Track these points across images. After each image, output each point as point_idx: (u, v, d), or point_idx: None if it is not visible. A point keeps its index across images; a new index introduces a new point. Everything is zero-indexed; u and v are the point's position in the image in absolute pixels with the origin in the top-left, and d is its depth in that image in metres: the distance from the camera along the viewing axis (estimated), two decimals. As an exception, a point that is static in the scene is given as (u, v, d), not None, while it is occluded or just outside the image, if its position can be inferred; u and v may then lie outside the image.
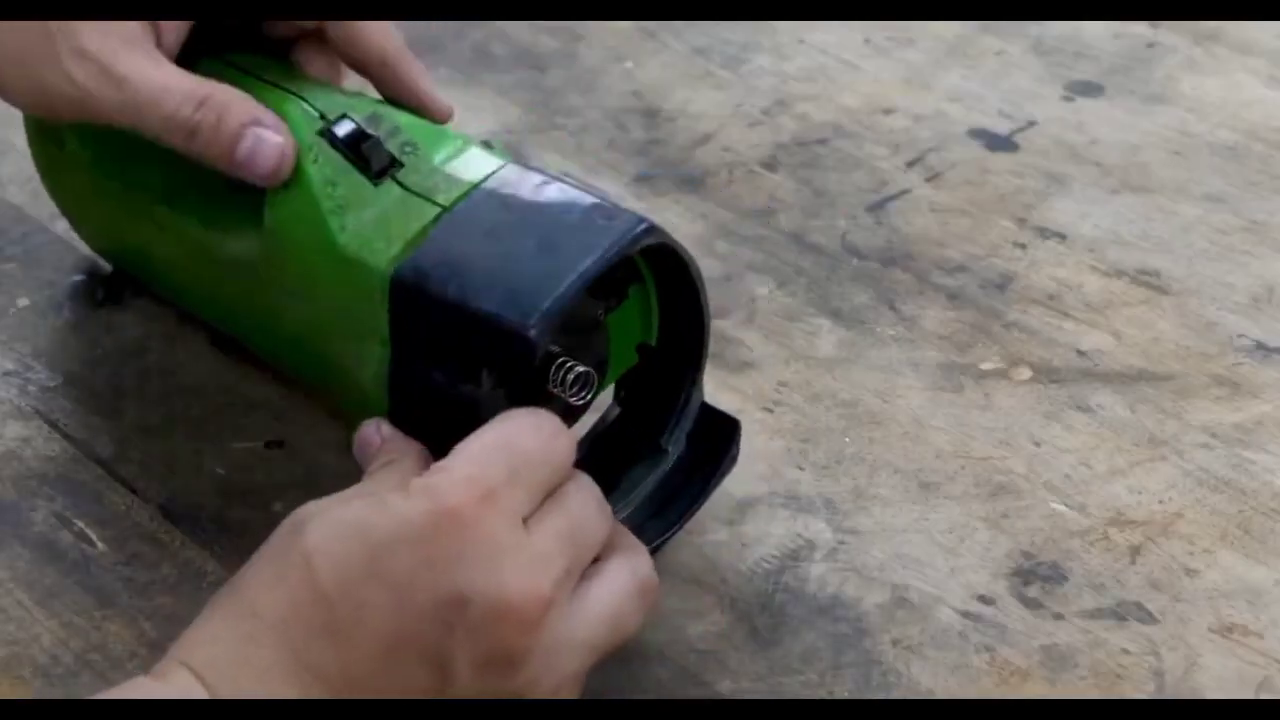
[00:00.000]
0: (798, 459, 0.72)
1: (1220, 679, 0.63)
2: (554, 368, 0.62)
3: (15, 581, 0.66)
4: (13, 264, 0.83)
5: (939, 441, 0.74)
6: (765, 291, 0.83)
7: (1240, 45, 1.02)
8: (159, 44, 0.67)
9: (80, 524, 0.68)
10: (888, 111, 0.96)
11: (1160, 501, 0.71)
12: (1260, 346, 0.79)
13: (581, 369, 0.62)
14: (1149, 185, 0.90)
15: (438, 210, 0.63)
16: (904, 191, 0.90)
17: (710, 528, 0.69)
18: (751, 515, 0.70)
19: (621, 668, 0.63)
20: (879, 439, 0.74)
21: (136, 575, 0.66)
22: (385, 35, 0.71)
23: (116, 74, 0.65)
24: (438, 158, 0.65)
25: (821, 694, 0.62)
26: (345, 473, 0.71)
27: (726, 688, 0.62)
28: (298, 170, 0.65)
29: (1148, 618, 0.65)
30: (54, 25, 0.66)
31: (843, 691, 0.62)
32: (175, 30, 0.68)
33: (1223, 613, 0.65)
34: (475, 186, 0.64)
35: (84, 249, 0.83)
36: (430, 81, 0.71)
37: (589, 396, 0.63)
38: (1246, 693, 0.62)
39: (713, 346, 0.78)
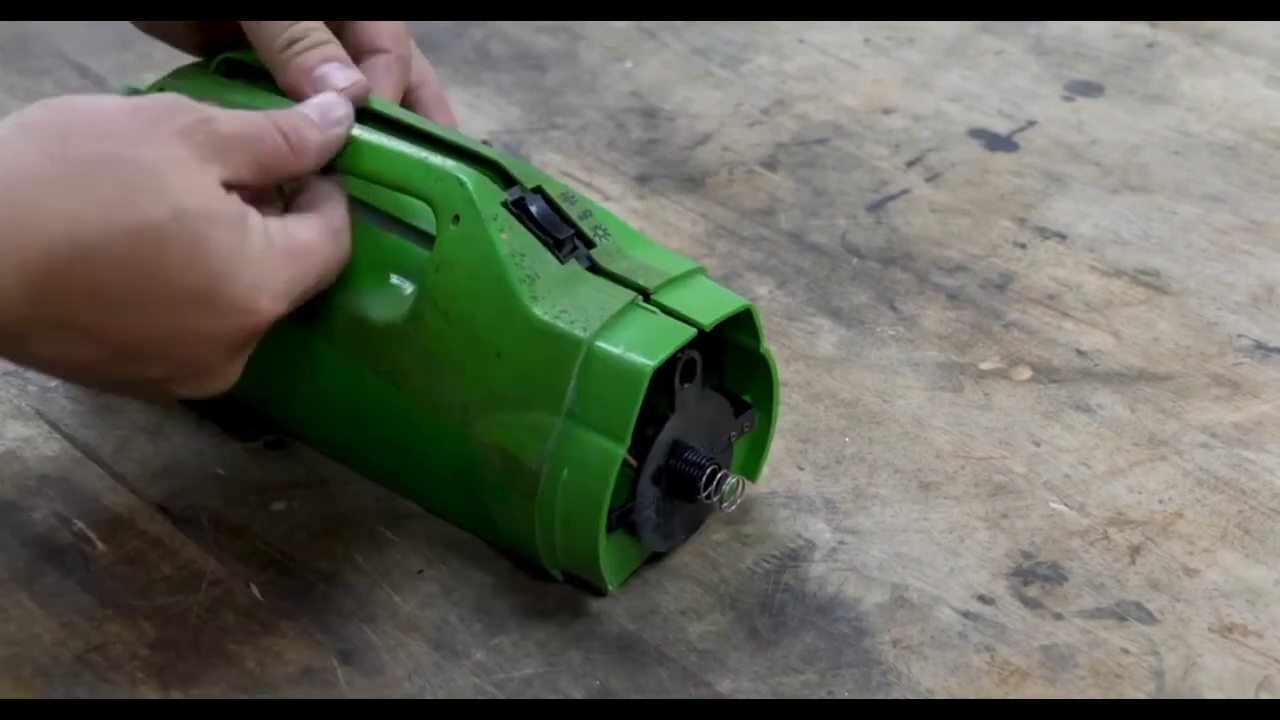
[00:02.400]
0: (798, 459, 0.72)
1: (1220, 679, 0.63)
2: (707, 476, 0.65)
3: (15, 581, 0.66)
4: (13, 264, 0.82)
5: (939, 441, 0.74)
6: (765, 291, 0.83)
7: (1240, 45, 1.02)
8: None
9: (80, 524, 0.68)
10: (888, 111, 0.96)
11: (1160, 501, 0.71)
12: (1260, 346, 0.79)
13: (734, 479, 0.66)
14: (1149, 185, 0.91)
15: (634, 295, 0.63)
16: (904, 191, 0.90)
17: (710, 528, 0.69)
18: (751, 515, 0.70)
19: (621, 668, 0.63)
20: (879, 439, 0.74)
21: (136, 575, 0.66)
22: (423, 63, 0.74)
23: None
24: (629, 246, 0.67)
25: (821, 694, 0.62)
26: (344, 475, 0.71)
27: (726, 688, 0.62)
28: (480, 237, 0.64)
29: (1147, 617, 0.65)
30: None
31: (843, 691, 0.62)
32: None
33: (1223, 613, 0.65)
34: (672, 279, 0.65)
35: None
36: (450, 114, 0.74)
37: (733, 506, 0.67)
38: (1246, 693, 0.62)
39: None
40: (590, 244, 0.66)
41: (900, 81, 0.99)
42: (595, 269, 0.65)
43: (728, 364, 0.68)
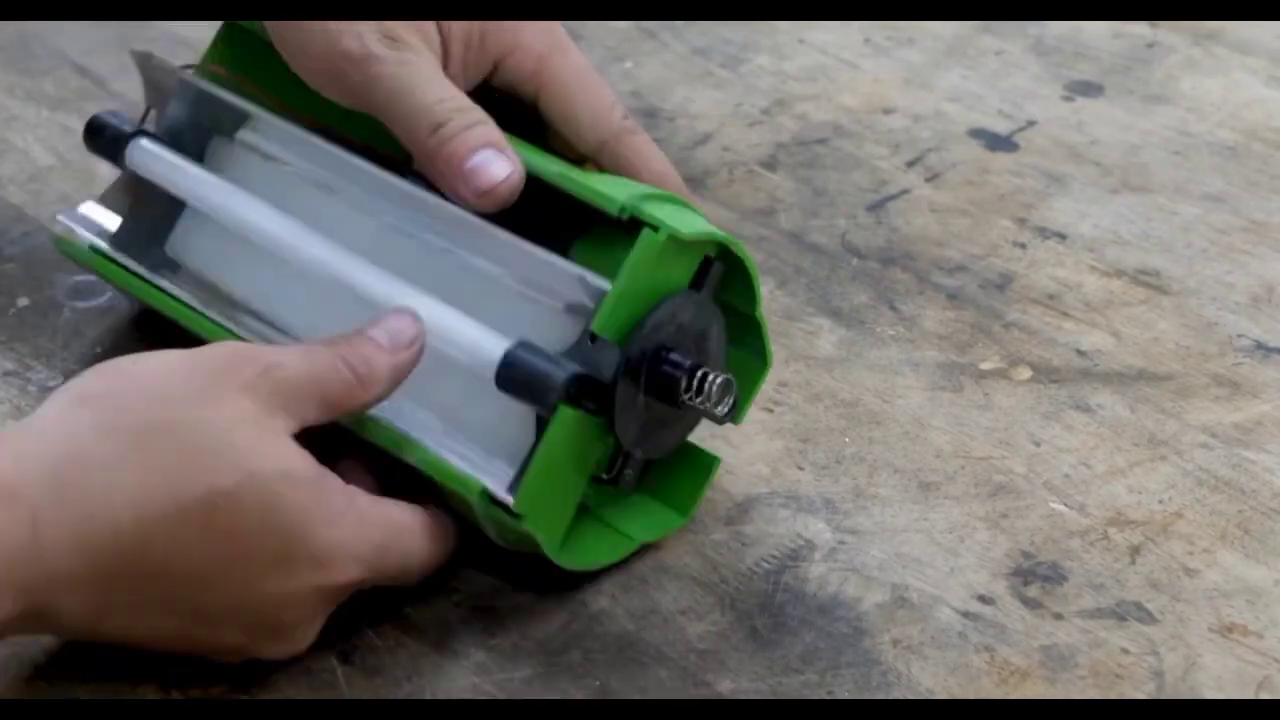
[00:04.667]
0: (798, 459, 0.72)
1: (1220, 679, 0.63)
2: (693, 377, 0.63)
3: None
4: (13, 264, 0.83)
5: (939, 441, 0.74)
6: (765, 291, 0.82)
7: (1240, 45, 1.02)
8: (445, 67, 0.68)
9: (80, 524, 0.68)
10: (888, 111, 0.96)
11: (1160, 501, 0.71)
12: (1260, 346, 0.79)
13: (723, 377, 0.63)
14: (1149, 185, 0.91)
15: None
16: (904, 191, 0.90)
17: (710, 528, 0.69)
18: (751, 515, 0.70)
19: (621, 668, 0.63)
20: (879, 439, 0.74)
21: (136, 575, 0.66)
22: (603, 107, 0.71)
23: (407, 57, 0.66)
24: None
25: (821, 694, 0.62)
26: (345, 473, 0.71)
27: (726, 688, 0.62)
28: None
29: (1147, 618, 0.65)
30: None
31: (843, 691, 0.62)
32: (466, 67, 0.69)
33: (1223, 613, 0.65)
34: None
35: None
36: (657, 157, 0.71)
37: (729, 408, 0.64)
38: (1246, 693, 0.62)
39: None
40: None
41: (900, 81, 0.99)
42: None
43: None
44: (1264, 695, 0.62)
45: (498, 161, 0.64)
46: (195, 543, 0.56)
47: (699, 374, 0.63)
